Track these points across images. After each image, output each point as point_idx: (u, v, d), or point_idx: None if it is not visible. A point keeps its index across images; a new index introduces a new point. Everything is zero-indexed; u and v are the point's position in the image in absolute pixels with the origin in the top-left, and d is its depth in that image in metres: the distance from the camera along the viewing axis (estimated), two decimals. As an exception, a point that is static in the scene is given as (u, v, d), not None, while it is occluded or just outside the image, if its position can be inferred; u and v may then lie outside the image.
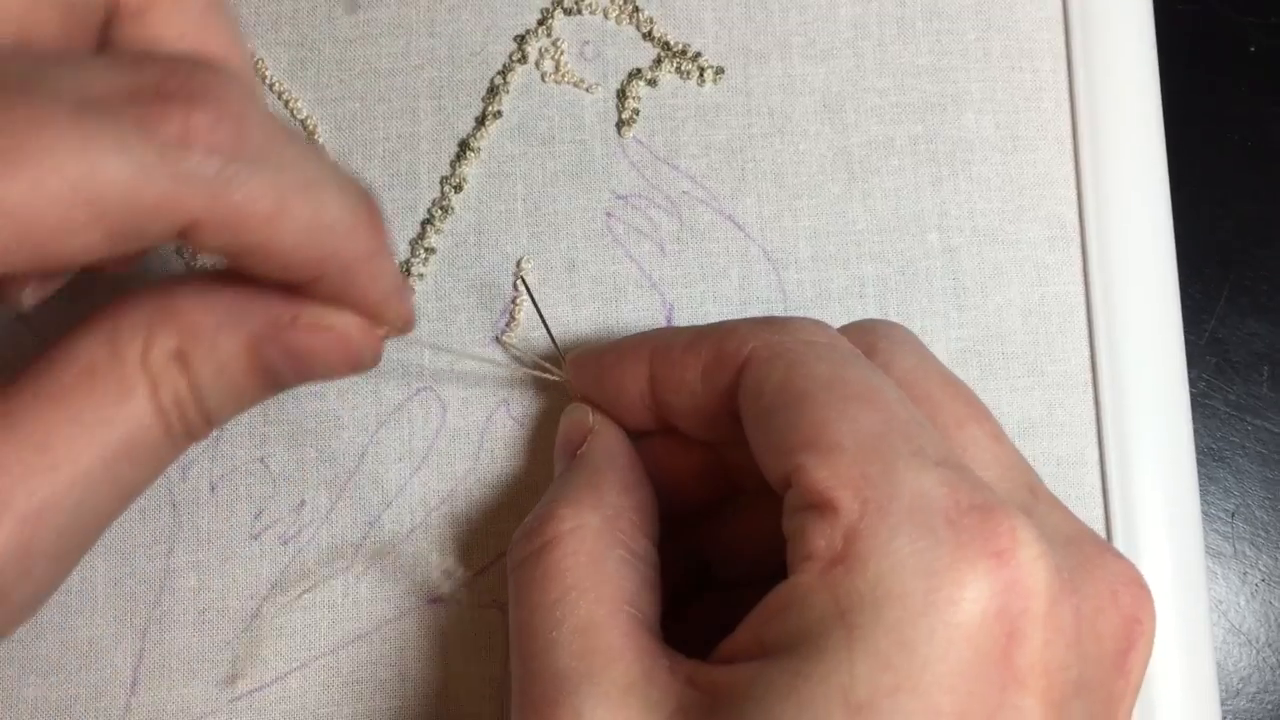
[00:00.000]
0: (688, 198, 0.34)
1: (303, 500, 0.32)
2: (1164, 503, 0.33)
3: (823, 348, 0.26)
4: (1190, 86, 0.45)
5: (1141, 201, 0.34)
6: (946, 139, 0.34)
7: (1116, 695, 0.24)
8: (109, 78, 0.20)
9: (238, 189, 0.21)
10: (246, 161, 0.21)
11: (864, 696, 0.20)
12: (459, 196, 0.34)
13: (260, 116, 0.22)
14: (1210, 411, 0.44)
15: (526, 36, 0.35)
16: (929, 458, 0.23)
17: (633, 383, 0.29)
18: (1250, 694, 0.42)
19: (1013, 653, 0.21)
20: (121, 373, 0.22)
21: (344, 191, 0.23)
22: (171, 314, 0.23)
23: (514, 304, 0.33)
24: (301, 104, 0.34)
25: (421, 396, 0.33)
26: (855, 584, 0.21)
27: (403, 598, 0.32)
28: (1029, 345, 0.34)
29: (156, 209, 0.20)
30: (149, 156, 0.19)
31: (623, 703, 0.23)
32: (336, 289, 0.23)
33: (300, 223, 0.22)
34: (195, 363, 0.23)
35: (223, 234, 0.21)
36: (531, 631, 0.25)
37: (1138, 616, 0.24)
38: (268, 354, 0.24)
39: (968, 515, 0.22)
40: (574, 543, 0.26)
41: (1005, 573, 0.21)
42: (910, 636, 0.20)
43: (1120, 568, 0.24)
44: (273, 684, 0.32)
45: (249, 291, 0.24)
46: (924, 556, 0.21)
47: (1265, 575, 0.43)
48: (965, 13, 0.35)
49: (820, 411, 0.23)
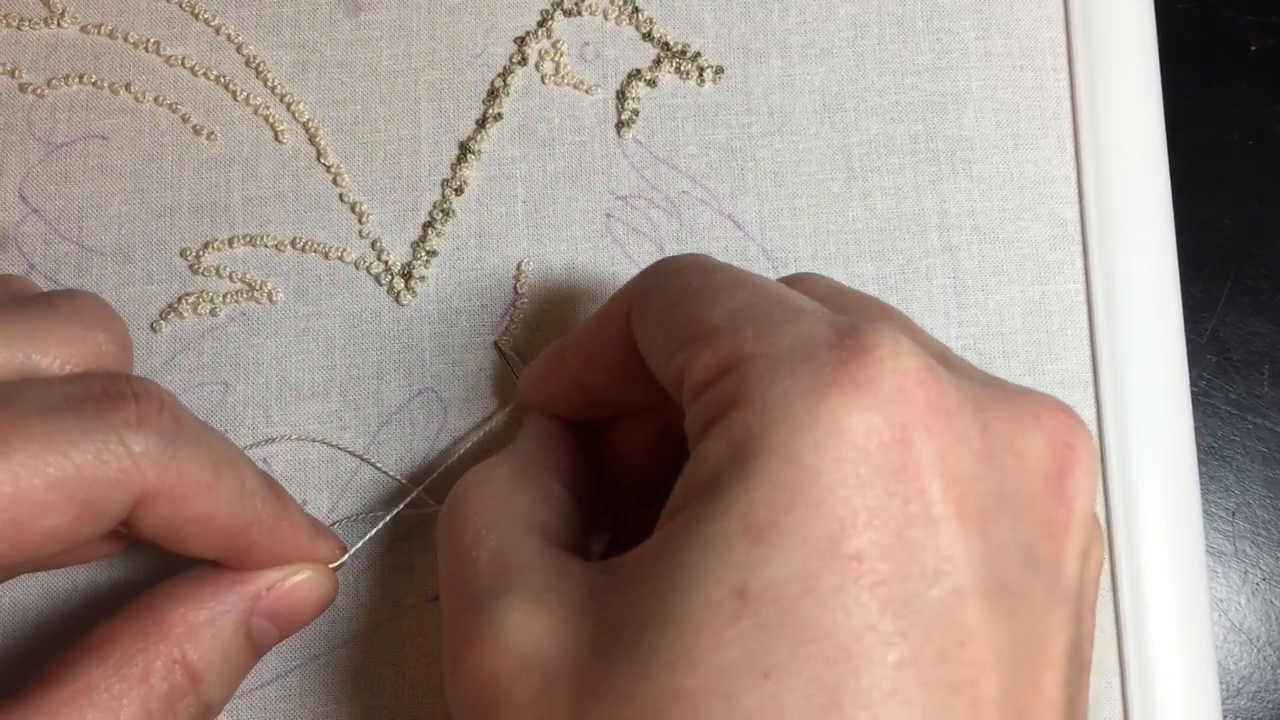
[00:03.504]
0: (687, 198, 0.34)
1: (304, 500, 0.32)
2: (1164, 501, 0.33)
3: (691, 268, 0.26)
4: (1190, 86, 0.44)
5: (1142, 200, 0.34)
6: (947, 138, 0.34)
7: (1059, 524, 0.22)
8: (67, 388, 0.24)
9: (184, 461, 0.24)
10: (187, 439, 0.25)
11: (763, 518, 0.20)
12: (460, 199, 0.34)
13: (187, 410, 0.26)
14: (1211, 410, 0.43)
15: (526, 38, 0.35)
16: (804, 310, 0.23)
17: (557, 378, 0.29)
18: (1251, 693, 0.42)
19: (908, 461, 0.20)
20: (115, 690, 0.25)
21: (252, 465, 0.27)
22: (167, 624, 0.26)
23: (514, 306, 0.33)
24: (303, 106, 0.34)
25: (423, 398, 0.33)
26: (745, 419, 0.21)
27: (402, 598, 0.32)
28: (1029, 344, 0.34)
29: (117, 484, 0.24)
30: (109, 440, 0.23)
31: (539, 601, 0.23)
32: (269, 548, 0.27)
33: (231, 491, 0.26)
34: (197, 659, 0.26)
35: (171, 504, 0.25)
36: (453, 577, 0.25)
37: (1068, 441, 0.23)
38: (258, 626, 0.27)
39: (848, 338, 0.21)
40: (482, 491, 0.26)
41: (887, 381, 0.21)
42: (798, 451, 0.20)
43: (1046, 399, 0.23)
44: (273, 683, 0.32)
45: (220, 583, 0.27)
46: (805, 379, 0.21)
47: (1266, 574, 0.43)
48: (966, 11, 0.35)
49: (692, 310, 0.24)
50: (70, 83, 0.34)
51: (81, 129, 0.34)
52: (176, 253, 0.34)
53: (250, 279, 0.34)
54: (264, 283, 0.33)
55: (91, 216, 0.34)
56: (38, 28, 0.35)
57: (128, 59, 0.35)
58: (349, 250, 0.34)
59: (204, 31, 0.35)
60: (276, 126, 0.34)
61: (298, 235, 0.34)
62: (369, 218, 0.34)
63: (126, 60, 0.35)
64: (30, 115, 0.34)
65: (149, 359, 0.33)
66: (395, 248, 0.34)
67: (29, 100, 0.34)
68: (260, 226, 0.34)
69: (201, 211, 0.34)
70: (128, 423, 0.24)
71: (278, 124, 0.34)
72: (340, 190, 0.34)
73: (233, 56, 0.35)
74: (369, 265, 0.34)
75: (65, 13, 0.35)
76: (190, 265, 0.34)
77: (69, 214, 0.34)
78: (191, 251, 0.34)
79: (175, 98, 0.35)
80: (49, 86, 0.34)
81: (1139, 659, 0.32)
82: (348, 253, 0.34)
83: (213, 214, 0.34)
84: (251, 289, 0.33)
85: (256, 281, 0.33)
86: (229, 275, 0.34)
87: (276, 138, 0.34)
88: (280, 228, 0.34)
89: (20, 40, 0.35)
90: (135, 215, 0.34)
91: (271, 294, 0.33)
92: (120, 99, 0.34)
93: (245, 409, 0.33)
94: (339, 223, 0.34)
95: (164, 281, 0.34)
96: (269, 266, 0.34)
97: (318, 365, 0.33)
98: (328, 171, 0.34)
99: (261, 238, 0.34)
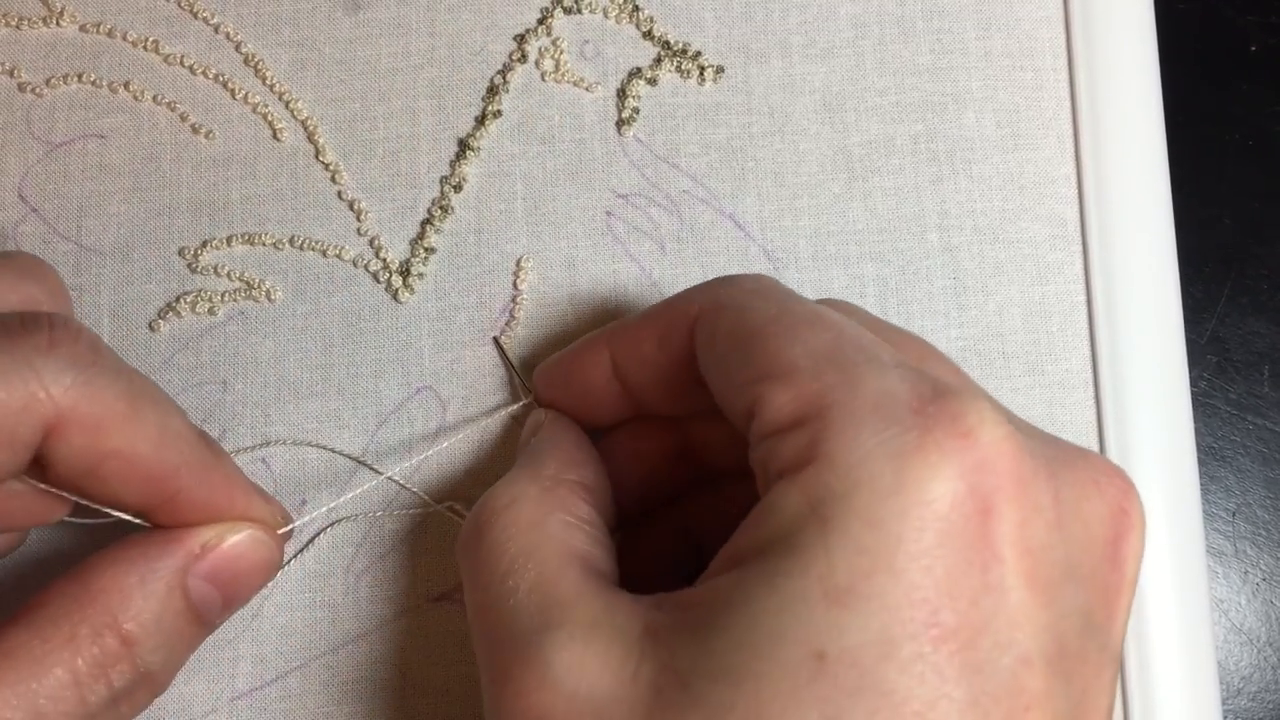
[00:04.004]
0: (688, 197, 0.34)
1: (303, 500, 0.32)
2: (1165, 502, 0.33)
3: (766, 292, 0.26)
4: (1190, 86, 0.45)
5: (1142, 200, 0.34)
6: (947, 138, 0.34)
7: (1113, 588, 0.23)
8: None
9: (99, 389, 0.24)
10: (103, 369, 0.24)
11: (843, 582, 0.20)
12: (459, 196, 0.34)
13: (109, 348, 0.25)
14: (1211, 410, 0.43)
15: (526, 36, 0.35)
16: (885, 362, 0.23)
17: (596, 370, 0.29)
18: (1251, 693, 0.42)
19: (989, 530, 0.21)
20: (38, 653, 0.24)
21: (183, 414, 0.26)
22: (95, 588, 0.25)
23: (514, 303, 0.33)
24: (302, 104, 0.34)
25: (421, 396, 0.33)
26: (825, 479, 0.21)
27: (403, 598, 0.32)
28: (1029, 344, 0.34)
29: (25, 407, 0.23)
30: (18, 363, 0.23)
31: (588, 638, 0.23)
32: (202, 501, 0.26)
33: (153, 428, 0.25)
34: (129, 621, 0.25)
35: (84, 434, 0.24)
36: (488, 607, 0.25)
37: (1124, 507, 0.23)
38: (197, 588, 0.26)
39: (932, 403, 0.21)
40: (512, 514, 0.26)
41: (974, 452, 0.21)
42: (882, 517, 0.20)
43: (1103, 462, 0.24)
44: (273, 684, 0.32)
45: (150, 544, 0.26)
46: (891, 444, 0.21)
47: (1266, 574, 0.43)
48: (966, 11, 0.35)
49: (771, 342, 0.24)
50: (69, 82, 0.34)
51: (80, 128, 0.34)
52: (175, 251, 0.34)
53: (248, 277, 0.33)
54: (262, 281, 0.33)
55: (90, 215, 0.34)
56: (36, 27, 0.35)
57: (126, 58, 0.35)
58: (347, 248, 0.34)
59: (203, 30, 0.35)
60: (275, 125, 0.34)
61: (296, 233, 0.34)
62: (367, 215, 0.34)
63: (125, 59, 0.35)
64: (29, 114, 0.34)
65: (147, 358, 0.33)
66: (394, 245, 0.34)
67: (28, 99, 0.34)
68: (258, 225, 0.34)
69: (200, 210, 0.34)
70: (38, 348, 0.24)
71: (276, 122, 0.34)
72: (339, 188, 0.34)
73: (231, 55, 0.35)
74: (367, 263, 0.34)
75: (64, 12, 0.35)
76: (189, 264, 0.33)
77: (68, 213, 0.34)
78: (190, 250, 0.34)
79: (174, 96, 0.34)
80: (48, 86, 0.34)
81: (1139, 659, 0.32)
82: (346, 250, 0.34)
83: (211, 212, 0.34)
84: (250, 287, 0.33)
85: (255, 280, 0.33)
86: (227, 274, 0.33)
87: (275, 136, 0.34)
88: (278, 226, 0.34)
89: (19, 39, 0.35)
90: (134, 214, 0.34)
91: (270, 292, 0.33)
92: (119, 98, 0.34)
93: (244, 408, 0.33)
94: (337, 220, 0.34)
95: (162, 280, 0.33)
96: (267, 265, 0.34)
97: (316, 364, 0.33)
98: (326, 169, 0.34)
99: (260, 236, 0.34)
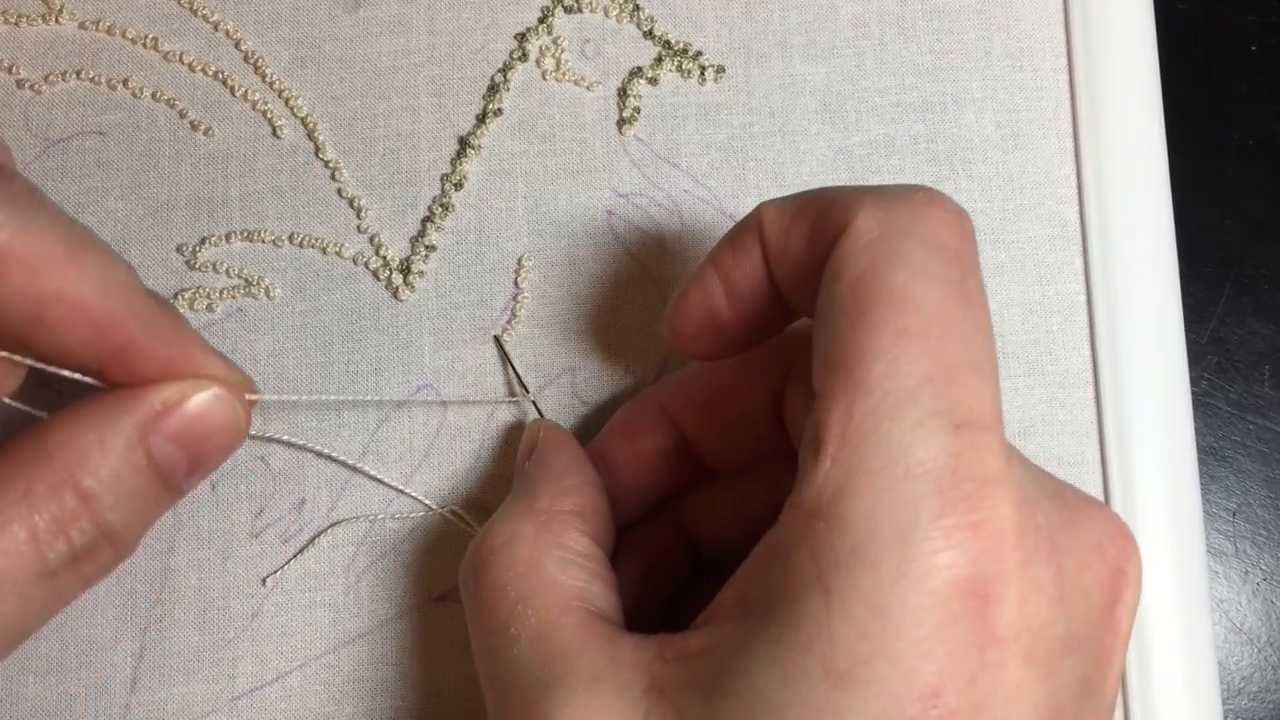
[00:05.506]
0: (689, 196, 0.34)
1: (303, 499, 0.32)
2: (1165, 502, 0.33)
3: (915, 243, 0.23)
4: (1190, 86, 0.45)
5: (1142, 200, 0.34)
6: (947, 138, 0.34)
7: (1107, 649, 0.24)
8: None
9: (36, 230, 0.23)
10: (39, 212, 0.24)
11: (844, 666, 0.21)
12: (460, 194, 0.34)
13: (48, 197, 0.24)
14: (1212, 410, 0.43)
15: (527, 34, 0.35)
16: (950, 420, 0.22)
17: (756, 262, 0.26)
18: (1252, 693, 0.42)
19: (989, 614, 0.21)
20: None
21: (127, 263, 0.25)
22: (51, 447, 0.24)
23: (515, 301, 0.33)
24: (301, 102, 0.34)
25: (422, 394, 0.33)
26: (834, 545, 0.21)
27: (403, 597, 0.32)
28: (1030, 344, 0.34)
29: None
30: None
31: (591, 695, 0.23)
32: (157, 355, 0.25)
33: (95, 273, 0.24)
34: (87, 478, 0.24)
35: (23, 273, 0.23)
36: (492, 654, 0.25)
37: (1122, 567, 0.24)
38: (161, 448, 0.25)
39: (962, 485, 0.21)
40: (508, 556, 0.26)
41: (978, 542, 0.21)
42: (884, 604, 0.21)
43: (1104, 518, 0.24)
44: (273, 683, 0.31)
45: (108, 401, 0.25)
46: (902, 527, 0.21)
47: (1267, 574, 0.43)
48: (966, 11, 0.35)
49: (870, 337, 0.22)
50: (68, 78, 0.34)
51: (79, 125, 0.34)
52: (173, 248, 0.33)
53: (247, 275, 0.33)
54: (261, 278, 0.33)
55: (88, 212, 0.34)
56: (35, 24, 0.35)
57: (125, 55, 0.35)
58: (347, 245, 0.34)
59: (202, 27, 0.35)
60: (275, 122, 0.34)
61: (295, 231, 0.34)
62: (367, 213, 0.34)
63: (124, 56, 0.35)
64: (27, 111, 0.34)
65: (145, 355, 0.33)
66: (394, 243, 0.34)
67: (26, 96, 0.34)
68: (258, 222, 0.34)
69: (199, 207, 0.34)
70: None
71: (276, 119, 0.34)
72: (338, 185, 0.34)
73: (231, 52, 0.35)
74: (367, 260, 0.33)
75: (63, 9, 0.35)
76: (187, 261, 0.33)
77: (66, 210, 0.33)
78: (188, 247, 0.33)
79: (173, 93, 0.34)
80: (46, 82, 0.34)
81: (1139, 659, 0.32)
82: (346, 248, 0.34)
83: (210, 209, 0.34)
84: (249, 285, 0.33)
85: (254, 277, 0.33)
86: (226, 271, 0.33)
87: (274, 133, 0.34)
88: (278, 223, 0.34)
89: (18, 36, 0.35)
90: (132, 211, 0.34)
91: (269, 290, 0.33)
92: (118, 95, 0.34)
93: (242, 406, 0.33)
94: (337, 218, 0.34)
95: (161, 277, 0.33)
96: (266, 262, 0.33)
97: (315, 361, 0.33)
98: (326, 167, 0.34)
99: (259, 233, 0.33)
